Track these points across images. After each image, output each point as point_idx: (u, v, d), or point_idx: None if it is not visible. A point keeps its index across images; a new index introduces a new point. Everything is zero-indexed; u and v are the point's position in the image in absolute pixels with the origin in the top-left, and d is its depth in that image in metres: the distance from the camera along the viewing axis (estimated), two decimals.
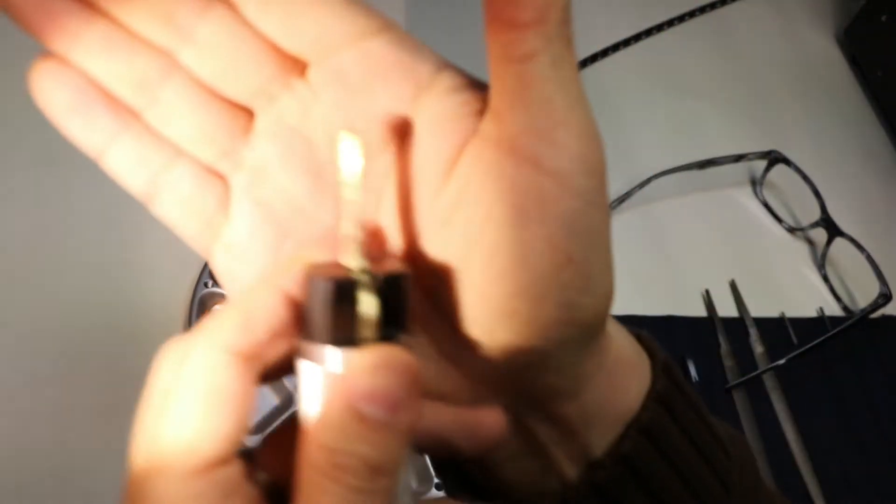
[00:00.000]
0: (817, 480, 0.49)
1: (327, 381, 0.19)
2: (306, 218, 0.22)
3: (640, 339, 0.25)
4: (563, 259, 0.19)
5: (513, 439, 0.23)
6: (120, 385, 0.43)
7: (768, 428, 0.51)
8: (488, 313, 0.20)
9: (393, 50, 0.20)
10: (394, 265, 0.20)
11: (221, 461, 0.18)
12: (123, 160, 0.21)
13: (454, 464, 0.24)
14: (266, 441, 0.21)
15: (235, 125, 0.22)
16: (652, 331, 0.25)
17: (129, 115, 0.21)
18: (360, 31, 0.20)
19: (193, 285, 0.49)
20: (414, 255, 0.21)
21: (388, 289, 0.19)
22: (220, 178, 0.22)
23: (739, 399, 0.52)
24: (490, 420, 0.22)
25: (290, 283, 0.19)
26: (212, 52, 0.20)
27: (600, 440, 0.23)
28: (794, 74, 0.71)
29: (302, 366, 0.19)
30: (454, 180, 0.20)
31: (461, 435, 0.22)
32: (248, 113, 0.22)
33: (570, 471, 0.23)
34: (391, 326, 0.19)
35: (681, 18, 0.72)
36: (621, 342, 0.23)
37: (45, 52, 0.21)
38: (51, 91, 0.21)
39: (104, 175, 0.22)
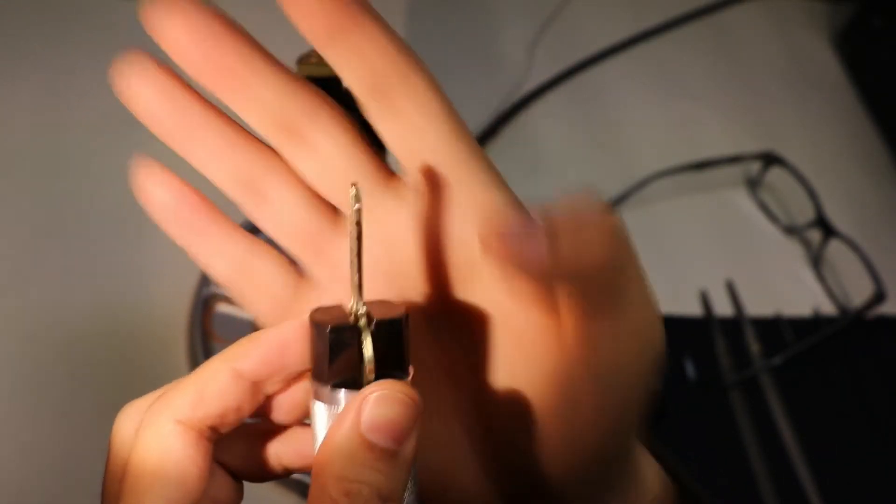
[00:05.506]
0: (814, 479, 0.49)
1: (330, 418, 0.20)
2: None
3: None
4: (611, 429, 0.21)
5: None
6: (124, 386, 0.44)
7: (764, 426, 0.51)
8: (531, 456, 0.22)
9: (476, 179, 0.21)
10: (395, 309, 0.21)
11: None
12: (212, 251, 0.22)
13: None
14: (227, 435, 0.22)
15: (329, 224, 0.22)
16: None
17: (224, 215, 0.22)
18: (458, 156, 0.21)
19: (196, 287, 0.49)
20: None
21: (385, 331, 0.20)
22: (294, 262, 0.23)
23: (736, 398, 0.52)
24: None
25: (245, 362, 0.21)
26: (330, 167, 0.21)
27: None
28: (789, 77, 0.72)
29: (312, 404, 0.21)
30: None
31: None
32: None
33: None
34: (389, 366, 0.20)
35: (678, 22, 0.73)
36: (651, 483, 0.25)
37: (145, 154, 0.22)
38: (155, 196, 0.22)
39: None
